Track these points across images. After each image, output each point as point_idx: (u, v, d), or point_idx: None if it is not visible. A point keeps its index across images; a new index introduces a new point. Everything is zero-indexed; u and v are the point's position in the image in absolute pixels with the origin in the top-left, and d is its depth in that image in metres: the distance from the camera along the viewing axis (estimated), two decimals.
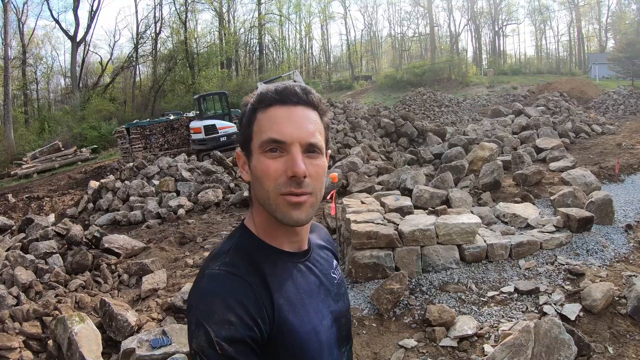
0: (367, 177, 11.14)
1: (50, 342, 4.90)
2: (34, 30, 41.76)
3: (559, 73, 47.07)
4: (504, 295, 4.84)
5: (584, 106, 23.60)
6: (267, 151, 1.08)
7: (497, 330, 4.19)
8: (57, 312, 5.21)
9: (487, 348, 3.96)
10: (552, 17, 65.34)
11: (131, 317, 4.48)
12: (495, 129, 15.92)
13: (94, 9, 36.76)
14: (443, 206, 7.22)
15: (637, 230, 6.33)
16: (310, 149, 1.09)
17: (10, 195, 14.99)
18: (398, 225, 5.72)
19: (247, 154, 1.15)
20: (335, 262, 1.36)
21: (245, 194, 11.53)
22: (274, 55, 53.93)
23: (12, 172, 21.85)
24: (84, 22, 36.92)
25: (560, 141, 12.54)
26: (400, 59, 57.44)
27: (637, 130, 15.54)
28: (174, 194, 11.61)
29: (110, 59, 43.40)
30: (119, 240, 7.48)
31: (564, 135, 14.36)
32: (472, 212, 6.91)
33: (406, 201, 7.26)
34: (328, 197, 5.85)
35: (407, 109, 26.01)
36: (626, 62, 33.14)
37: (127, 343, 3.94)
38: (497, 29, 58.00)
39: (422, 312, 4.61)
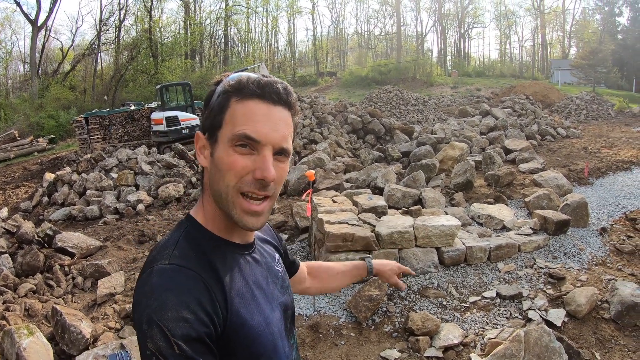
0: (334, 173, 10.84)
1: None
2: None
3: (522, 77, 48.35)
4: (486, 300, 4.65)
5: (548, 109, 24.11)
6: (237, 145, 1.02)
7: (483, 339, 3.98)
8: (4, 322, 4.69)
9: (474, 358, 3.74)
10: (517, 23, 67.15)
11: (86, 328, 4.01)
12: (463, 128, 15.94)
13: None
14: (417, 206, 7.02)
15: (612, 233, 6.31)
16: (280, 152, 1.06)
17: None
18: (374, 226, 5.46)
19: (212, 140, 1.07)
20: (277, 255, 1.34)
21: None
22: (239, 48, 52.94)
23: None
24: (45, 6, 35.07)
25: (528, 143, 12.61)
26: (366, 57, 57.53)
27: (601, 135, 15.89)
28: (133, 188, 11.02)
29: (72, 45, 41.38)
30: (73, 239, 6.91)
31: (531, 137, 14.51)
32: (446, 213, 6.74)
33: (380, 201, 7.01)
34: (304, 196, 5.54)
35: (373, 106, 25.87)
36: (588, 69, 34.40)
37: (82, 359, 3.51)
38: (462, 31, 58.99)
39: (403, 320, 4.36)
